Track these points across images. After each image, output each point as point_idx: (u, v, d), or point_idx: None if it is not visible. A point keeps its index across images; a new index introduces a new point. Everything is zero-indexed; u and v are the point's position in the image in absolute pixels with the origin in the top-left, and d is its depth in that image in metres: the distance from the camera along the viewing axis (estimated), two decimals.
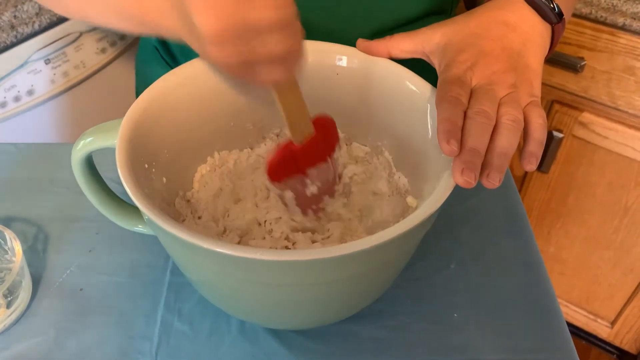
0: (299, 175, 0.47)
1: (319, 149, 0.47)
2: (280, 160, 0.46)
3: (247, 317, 0.48)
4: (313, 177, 0.48)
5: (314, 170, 0.48)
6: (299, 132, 0.45)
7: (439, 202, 0.38)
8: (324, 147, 0.48)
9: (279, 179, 0.47)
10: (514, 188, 0.63)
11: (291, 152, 0.46)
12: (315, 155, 0.47)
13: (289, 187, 0.48)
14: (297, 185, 0.48)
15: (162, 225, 0.36)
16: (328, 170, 0.49)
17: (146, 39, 0.73)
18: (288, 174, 0.47)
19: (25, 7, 0.93)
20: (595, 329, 1.30)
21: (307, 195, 0.49)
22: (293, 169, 0.47)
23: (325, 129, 0.47)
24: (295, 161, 0.46)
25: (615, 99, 0.99)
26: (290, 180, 0.47)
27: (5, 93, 0.96)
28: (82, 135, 0.44)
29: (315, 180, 0.48)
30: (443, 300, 0.52)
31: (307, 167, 0.47)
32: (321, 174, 0.49)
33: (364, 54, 0.50)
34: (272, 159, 0.46)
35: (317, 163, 0.48)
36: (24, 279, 0.51)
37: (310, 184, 0.48)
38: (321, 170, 0.48)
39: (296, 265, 0.36)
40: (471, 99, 0.41)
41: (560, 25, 0.48)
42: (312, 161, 0.47)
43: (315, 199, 0.49)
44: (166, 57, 0.69)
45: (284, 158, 0.46)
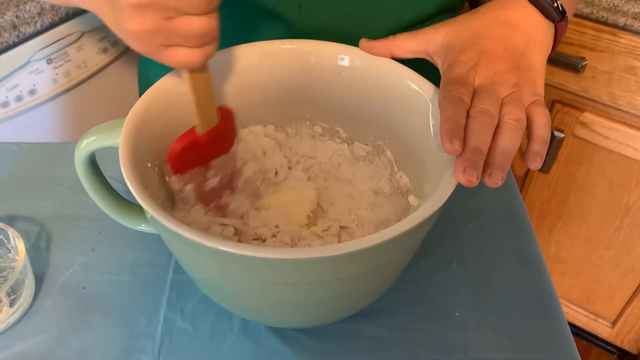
0: (200, 167, 0.46)
1: (222, 139, 0.46)
2: (184, 150, 0.44)
3: (250, 315, 0.48)
4: (215, 169, 0.47)
5: (217, 161, 0.46)
6: (207, 120, 0.44)
7: (440, 201, 0.38)
8: (227, 137, 0.47)
9: (181, 170, 0.45)
10: (516, 188, 0.63)
11: (195, 142, 0.44)
12: (219, 146, 0.46)
13: (190, 180, 0.46)
14: (198, 178, 0.47)
15: (166, 224, 0.36)
16: (230, 162, 0.48)
17: None
18: (191, 164, 0.45)
19: (27, 7, 0.93)
20: (596, 329, 1.30)
21: (208, 189, 0.47)
22: (196, 160, 0.45)
23: (226, 119, 0.46)
24: (198, 151, 0.45)
25: (616, 99, 0.99)
26: (192, 172, 0.46)
27: (7, 92, 0.96)
28: (85, 134, 0.44)
29: (218, 172, 0.47)
30: (444, 300, 0.53)
31: (211, 158, 0.46)
32: (223, 166, 0.47)
33: (366, 53, 0.50)
34: (174, 149, 0.44)
35: (220, 154, 0.47)
36: (26, 277, 0.51)
37: (211, 176, 0.47)
38: (223, 162, 0.47)
39: (298, 263, 0.36)
40: (474, 99, 0.41)
41: (563, 24, 0.48)
42: (216, 152, 0.46)
43: (217, 193, 0.48)
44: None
45: (187, 147, 0.44)
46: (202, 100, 0.43)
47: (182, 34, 0.36)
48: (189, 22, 0.36)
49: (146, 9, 0.35)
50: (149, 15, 0.35)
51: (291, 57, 0.52)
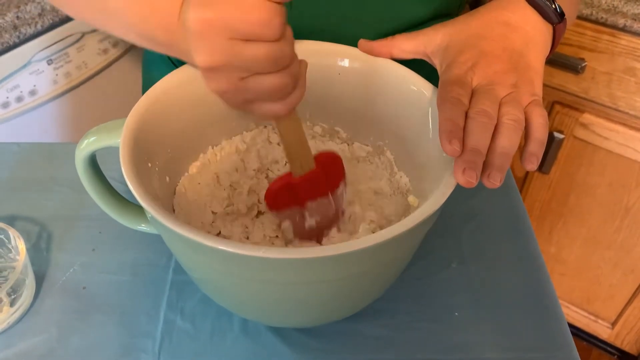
0: (297, 208, 0.48)
1: (319, 183, 0.47)
2: (278, 190, 0.46)
3: (250, 315, 0.48)
4: (312, 211, 0.48)
5: (313, 204, 0.48)
6: (298, 165, 0.45)
7: (440, 201, 0.38)
8: (324, 182, 0.48)
9: (277, 208, 0.48)
10: (515, 188, 0.63)
11: (290, 184, 0.46)
12: (315, 190, 0.47)
13: (287, 217, 0.48)
14: (296, 216, 0.48)
15: (166, 223, 0.36)
16: (328, 205, 0.49)
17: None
18: (286, 204, 0.47)
19: (28, 8, 0.94)
20: (595, 329, 1.30)
21: (306, 228, 0.49)
22: (291, 201, 0.47)
23: (329, 165, 0.48)
24: (293, 193, 0.47)
25: (616, 100, 0.99)
26: (288, 211, 0.48)
27: (8, 93, 0.96)
28: (86, 134, 0.44)
29: (315, 214, 0.48)
30: (444, 299, 0.53)
31: (306, 201, 0.47)
32: (321, 209, 0.48)
33: (366, 54, 0.50)
34: (270, 188, 0.47)
35: (317, 197, 0.48)
36: (27, 277, 0.51)
37: (309, 217, 0.48)
38: (321, 205, 0.48)
39: (298, 263, 0.36)
40: (472, 99, 0.41)
41: (561, 26, 0.48)
42: (311, 195, 0.47)
43: (315, 232, 0.49)
44: (173, 58, 0.69)
45: (281, 188, 0.46)
46: (293, 147, 0.44)
47: (257, 92, 0.37)
48: (261, 81, 0.36)
49: (218, 72, 0.36)
50: (222, 77, 0.36)
51: None
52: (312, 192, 0.47)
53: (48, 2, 0.95)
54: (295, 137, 0.44)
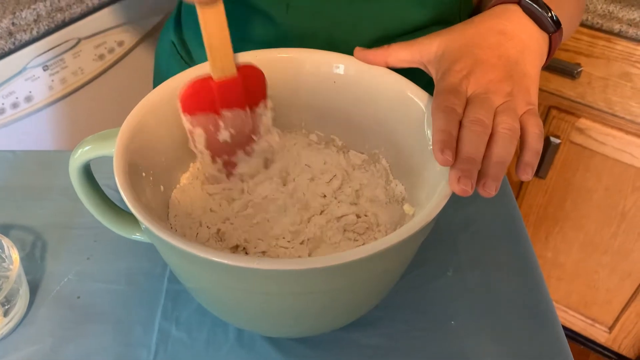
0: (212, 114, 0.47)
1: (238, 92, 0.46)
2: (194, 91, 0.45)
3: (245, 325, 0.48)
4: (227, 121, 0.47)
5: (228, 113, 0.47)
6: (219, 66, 0.44)
7: (435, 211, 0.38)
8: (244, 93, 0.47)
9: (191, 111, 0.46)
10: (511, 195, 0.63)
11: (207, 86, 0.45)
12: (233, 99, 0.46)
13: (200, 124, 0.47)
14: (210, 125, 0.47)
15: (159, 234, 0.36)
16: (245, 119, 0.48)
17: (165, 34, 0.73)
18: (201, 108, 0.46)
19: (23, 14, 0.93)
20: (593, 333, 1.30)
21: (219, 141, 0.48)
22: (206, 106, 0.46)
23: (252, 79, 0.47)
24: (210, 97, 0.46)
25: (612, 105, 0.99)
26: (203, 116, 0.46)
27: (3, 100, 0.96)
28: (80, 143, 0.44)
29: (229, 125, 0.47)
30: (441, 307, 0.53)
31: (222, 108, 0.46)
32: (236, 121, 0.47)
33: (361, 62, 0.50)
34: (186, 88, 0.45)
35: (234, 107, 0.47)
36: (21, 286, 0.51)
37: (223, 128, 0.47)
38: (237, 117, 0.47)
39: (292, 274, 0.36)
40: (467, 108, 0.41)
41: (557, 35, 0.48)
42: (229, 103, 0.46)
43: (228, 149, 0.49)
44: (182, 53, 0.69)
45: (198, 88, 0.45)
46: (215, 42, 0.43)
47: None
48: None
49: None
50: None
51: (286, 65, 0.52)
52: (229, 100, 0.46)
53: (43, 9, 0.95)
54: (218, 33, 0.43)
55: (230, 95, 0.46)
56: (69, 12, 0.99)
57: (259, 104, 0.50)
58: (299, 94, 0.53)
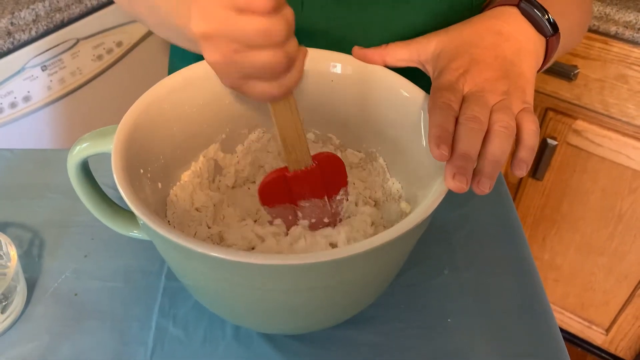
0: (289, 204, 0.47)
1: (315, 182, 0.46)
2: (271, 183, 0.45)
3: (242, 321, 0.48)
4: (305, 210, 0.47)
5: (306, 203, 0.47)
6: (294, 158, 0.44)
7: (431, 207, 0.38)
8: (321, 182, 0.46)
9: (269, 203, 0.47)
10: (507, 194, 0.63)
11: (283, 177, 0.45)
12: (310, 188, 0.46)
13: (278, 214, 0.47)
14: (288, 214, 0.47)
15: (157, 230, 0.36)
16: (323, 208, 0.48)
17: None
18: (278, 200, 0.46)
19: (22, 14, 0.94)
20: (590, 335, 1.31)
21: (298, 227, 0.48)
22: (284, 196, 0.46)
23: (329, 167, 0.47)
24: (287, 188, 0.46)
25: (609, 106, 1.00)
26: (281, 207, 0.47)
27: (2, 99, 0.96)
28: (78, 140, 0.44)
29: (307, 215, 0.47)
30: (436, 306, 0.53)
31: (300, 199, 0.46)
32: (315, 210, 0.47)
33: (359, 61, 0.50)
34: (264, 180, 0.46)
35: (311, 197, 0.46)
36: (18, 284, 0.51)
37: (301, 217, 0.47)
38: (315, 206, 0.47)
39: (288, 269, 0.36)
40: (463, 105, 0.41)
41: (554, 39, 0.48)
42: (306, 193, 0.46)
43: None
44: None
45: (275, 181, 0.45)
46: (289, 137, 0.43)
47: (250, 67, 0.37)
48: (253, 56, 0.36)
49: (212, 41, 0.36)
50: (216, 46, 0.36)
51: None
52: (306, 191, 0.46)
53: (42, 9, 0.95)
54: (291, 127, 0.43)
55: (307, 185, 0.46)
56: (67, 13, 1.00)
57: (339, 192, 0.49)
58: (297, 93, 0.53)
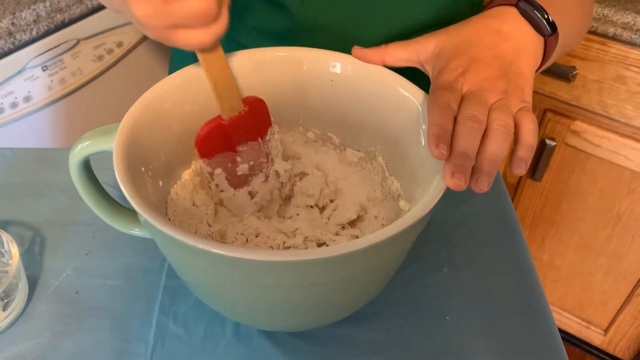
0: (229, 152, 0.47)
1: (249, 126, 0.47)
2: (209, 135, 0.46)
3: (242, 318, 0.48)
4: (244, 155, 0.48)
5: (244, 147, 0.48)
6: (228, 105, 0.45)
7: (429, 205, 0.39)
8: (254, 125, 0.48)
9: (209, 154, 0.47)
10: (506, 193, 0.64)
11: (220, 127, 0.46)
12: (246, 133, 0.47)
13: (219, 164, 0.48)
14: (228, 162, 0.48)
15: (158, 226, 0.36)
16: (259, 149, 0.49)
17: None
18: (218, 149, 0.47)
19: (23, 14, 0.94)
20: (588, 336, 1.31)
21: (238, 175, 0.49)
22: (223, 145, 0.47)
23: (256, 109, 0.48)
24: (225, 137, 0.46)
25: (607, 107, 1.00)
26: (220, 156, 0.47)
27: (2, 99, 0.96)
28: (80, 138, 0.44)
29: (246, 159, 0.48)
30: (435, 304, 0.53)
31: (238, 144, 0.47)
32: (252, 153, 0.48)
33: (358, 60, 0.51)
34: (200, 134, 0.46)
35: (248, 141, 0.48)
36: (20, 281, 0.51)
37: (240, 162, 0.48)
38: (252, 149, 0.48)
39: (287, 265, 0.36)
40: (462, 105, 0.42)
41: (553, 38, 0.48)
42: (243, 138, 0.47)
43: (246, 179, 0.50)
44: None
45: (212, 132, 0.46)
46: (220, 85, 0.44)
47: (181, 15, 0.38)
48: (183, 4, 0.37)
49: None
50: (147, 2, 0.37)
51: (284, 64, 0.52)
52: (242, 135, 0.47)
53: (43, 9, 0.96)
54: (223, 75, 0.44)
55: (243, 130, 0.47)
56: (68, 13, 1.00)
57: (267, 131, 0.51)
58: (297, 92, 0.54)
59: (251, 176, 0.51)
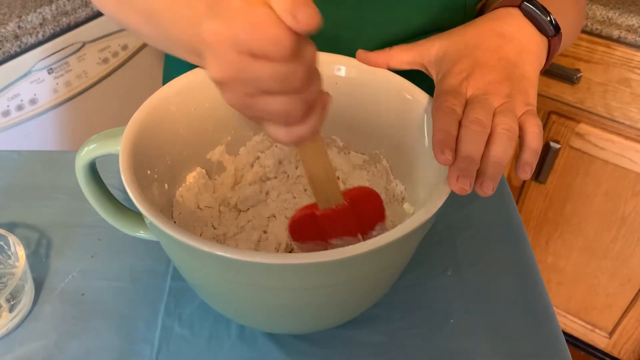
0: (320, 242, 0.45)
1: (346, 220, 0.44)
2: (300, 221, 0.44)
3: (247, 321, 0.49)
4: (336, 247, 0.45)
5: (338, 241, 0.45)
6: (324, 197, 0.42)
7: (434, 209, 0.39)
8: (353, 220, 0.44)
9: (299, 239, 0.46)
10: (510, 195, 0.64)
11: (313, 215, 0.44)
12: (341, 227, 0.44)
13: (309, 249, 0.46)
14: (319, 250, 0.45)
15: (164, 229, 0.37)
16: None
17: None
18: (309, 237, 0.45)
19: (29, 18, 0.95)
20: (593, 339, 1.31)
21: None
22: (315, 233, 0.45)
23: (364, 202, 0.45)
24: (317, 225, 0.44)
25: (611, 110, 1.00)
26: (312, 243, 0.46)
27: (9, 102, 0.97)
28: (86, 141, 0.45)
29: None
30: (439, 306, 0.53)
31: (331, 237, 0.45)
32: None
33: (362, 64, 0.51)
34: (293, 217, 0.45)
35: (343, 236, 0.45)
36: (26, 283, 0.51)
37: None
38: (347, 244, 0.43)
39: (293, 268, 0.36)
40: (466, 109, 0.42)
41: (556, 39, 0.49)
42: (337, 232, 0.45)
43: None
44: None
45: (304, 220, 0.44)
46: (316, 178, 0.41)
47: (264, 112, 0.34)
48: (267, 102, 0.33)
49: (228, 86, 0.34)
50: (231, 91, 0.34)
51: None
52: (337, 229, 0.44)
53: (48, 13, 0.96)
54: (318, 168, 0.40)
55: (338, 224, 0.44)
56: (74, 16, 1.01)
57: (374, 227, 0.47)
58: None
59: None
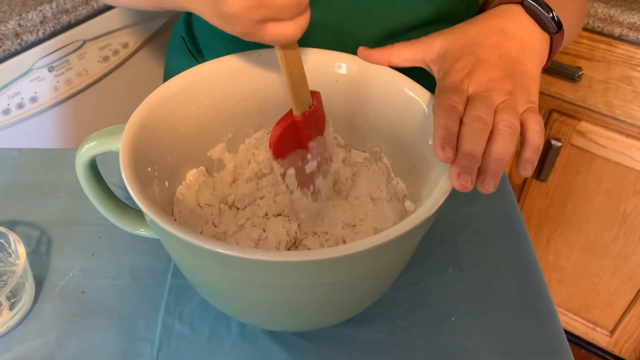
0: (300, 150, 0.47)
1: (317, 119, 0.47)
2: (284, 134, 0.45)
3: (247, 318, 0.49)
4: (312, 151, 0.47)
5: (313, 142, 0.47)
6: (301, 101, 0.45)
7: (435, 206, 0.39)
8: (320, 119, 0.47)
9: (283, 154, 0.47)
10: (511, 194, 0.64)
11: (293, 124, 0.45)
12: (315, 127, 0.47)
13: (290, 164, 0.47)
14: (299, 161, 0.48)
15: (164, 226, 0.37)
16: (324, 144, 0.48)
17: (176, 30, 0.74)
18: (291, 147, 0.47)
19: (29, 16, 0.94)
20: (594, 337, 1.30)
21: (306, 173, 0.48)
22: (295, 143, 0.46)
23: (318, 101, 0.47)
24: (296, 134, 0.46)
25: (613, 108, 1.00)
26: (293, 154, 0.47)
27: (9, 100, 0.97)
28: (87, 139, 0.45)
29: (314, 155, 0.47)
30: (440, 304, 0.53)
31: (308, 140, 0.47)
32: (319, 148, 0.48)
33: (363, 61, 0.51)
34: (275, 134, 0.46)
35: (316, 136, 0.47)
36: (27, 281, 0.51)
37: (310, 159, 0.47)
38: (319, 144, 0.48)
39: (294, 266, 0.36)
40: (467, 106, 0.42)
41: (558, 36, 0.48)
42: (312, 133, 0.47)
43: (312, 177, 0.49)
44: (191, 48, 0.70)
45: (286, 131, 0.45)
46: (296, 80, 0.44)
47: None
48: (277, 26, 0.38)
49: (241, 17, 0.38)
50: (241, 21, 0.38)
51: None
52: (312, 130, 0.47)
53: (49, 10, 0.96)
54: (297, 68, 0.44)
55: (313, 124, 0.47)
56: (74, 14, 1.00)
57: (325, 125, 0.49)
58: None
59: (316, 174, 0.49)
